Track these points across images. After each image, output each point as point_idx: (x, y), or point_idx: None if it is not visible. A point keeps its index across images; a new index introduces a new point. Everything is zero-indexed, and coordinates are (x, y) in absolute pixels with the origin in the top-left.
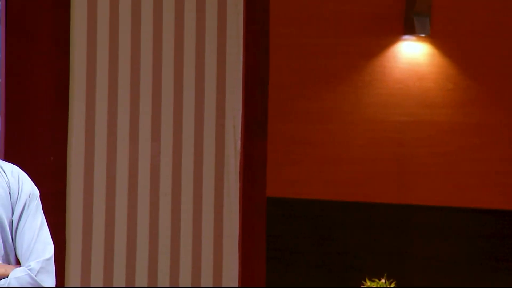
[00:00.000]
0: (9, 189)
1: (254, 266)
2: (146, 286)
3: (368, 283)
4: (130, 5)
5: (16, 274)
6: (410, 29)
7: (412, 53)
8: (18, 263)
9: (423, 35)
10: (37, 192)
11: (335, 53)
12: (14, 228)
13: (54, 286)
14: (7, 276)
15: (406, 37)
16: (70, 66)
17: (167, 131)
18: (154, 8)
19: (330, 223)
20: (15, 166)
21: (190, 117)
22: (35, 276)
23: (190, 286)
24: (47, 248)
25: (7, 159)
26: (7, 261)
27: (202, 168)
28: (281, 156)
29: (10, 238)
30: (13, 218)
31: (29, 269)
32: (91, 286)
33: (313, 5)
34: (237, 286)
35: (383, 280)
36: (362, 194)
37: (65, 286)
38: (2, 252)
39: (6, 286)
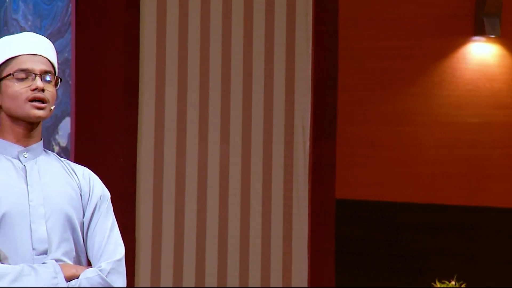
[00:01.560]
0: (80, 191)
1: (323, 267)
2: (216, 287)
3: (438, 284)
4: (199, 6)
5: (87, 274)
6: (480, 30)
7: (482, 54)
8: (89, 264)
9: (493, 36)
10: (107, 194)
11: (405, 54)
12: (85, 229)
13: (125, 286)
14: (78, 277)
15: (476, 38)
16: (140, 68)
17: (236, 132)
18: (223, 9)
19: (400, 225)
20: (86, 168)
21: (259, 118)
22: (106, 276)
23: (260, 287)
24: (118, 249)
25: (78, 161)
26: (78, 262)
27: (271, 169)
28: (350, 158)
29: (81, 240)
30: (84, 220)
31: (99, 270)
32: (160, 287)
33: (382, 6)
34: (306, 287)
35: (453, 282)
36: (433, 196)
37: (135, 287)
38: (74, 253)
39: (77, 287)
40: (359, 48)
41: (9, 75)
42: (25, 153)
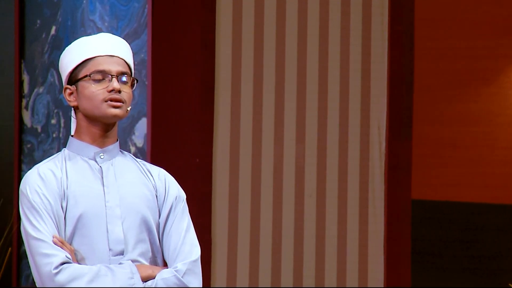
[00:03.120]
0: (156, 192)
1: (399, 268)
2: (292, 287)
3: None
4: (275, 8)
5: (163, 275)
6: None
7: None
8: (165, 264)
9: None
10: (183, 195)
11: (481, 54)
12: (161, 230)
13: (201, 287)
14: (154, 277)
15: None
16: (216, 68)
17: (312, 132)
18: (298, 10)
19: (476, 226)
20: (161, 169)
21: (335, 119)
22: (182, 277)
23: (336, 287)
24: (194, 250)
25: (154, 161)
26: (154, 262)
27: (346, 169)
28: (426, 158)
29: (157, 240)
30: (159, 221)
31: (175, 271)
32: (236, 287)
33: (458, 6)
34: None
35: None
36: (509, 197)
37: (211, 287)
38: (150, 254)
39: (153, 287)
40: (436, 48)
41: (86, 76)
42: (102, 154)
